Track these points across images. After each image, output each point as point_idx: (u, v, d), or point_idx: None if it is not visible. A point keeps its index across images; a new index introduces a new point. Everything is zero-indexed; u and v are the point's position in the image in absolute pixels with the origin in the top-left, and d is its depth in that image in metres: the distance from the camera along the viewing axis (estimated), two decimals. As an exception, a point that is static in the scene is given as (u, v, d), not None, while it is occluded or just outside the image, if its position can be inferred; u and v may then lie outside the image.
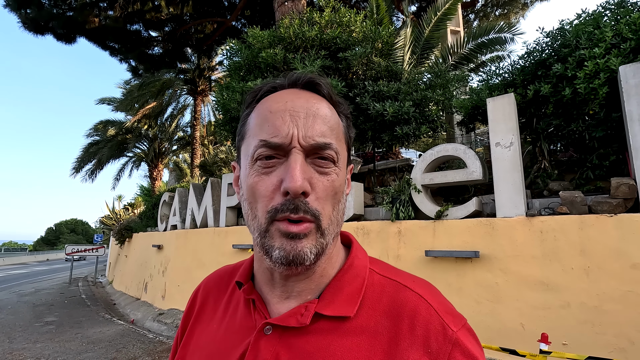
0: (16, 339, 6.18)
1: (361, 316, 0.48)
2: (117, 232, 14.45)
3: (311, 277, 0.51)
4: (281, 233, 0.46)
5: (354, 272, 0.53)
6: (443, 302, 0.50)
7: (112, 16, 10.70)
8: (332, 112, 0.52)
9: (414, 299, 0.49)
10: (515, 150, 3.82)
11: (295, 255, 0.45)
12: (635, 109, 3.21)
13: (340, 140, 0.51)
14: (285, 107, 0.48)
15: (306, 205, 0.45)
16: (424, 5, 12.22)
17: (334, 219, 0.49)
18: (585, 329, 3.11)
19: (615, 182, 3.22)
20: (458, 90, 6.06)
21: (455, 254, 3.87)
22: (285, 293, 0.52)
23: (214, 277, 0.67)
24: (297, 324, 0.48)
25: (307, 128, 0.47)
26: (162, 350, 5.34)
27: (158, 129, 20.42)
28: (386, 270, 0.55)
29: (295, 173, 0.44)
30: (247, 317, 0.54)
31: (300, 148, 0.46)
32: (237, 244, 6.32)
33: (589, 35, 3.71)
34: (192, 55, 16.21)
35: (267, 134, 0.47)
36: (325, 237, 0.47)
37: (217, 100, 6.09)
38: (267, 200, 0.46)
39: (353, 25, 5.85)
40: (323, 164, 0.48)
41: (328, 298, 0.50)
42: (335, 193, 0.49)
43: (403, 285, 0.51)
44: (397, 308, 0.48)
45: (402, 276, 0.53)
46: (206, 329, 0.58)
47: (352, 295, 0.50)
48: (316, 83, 0.53)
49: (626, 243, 3.05)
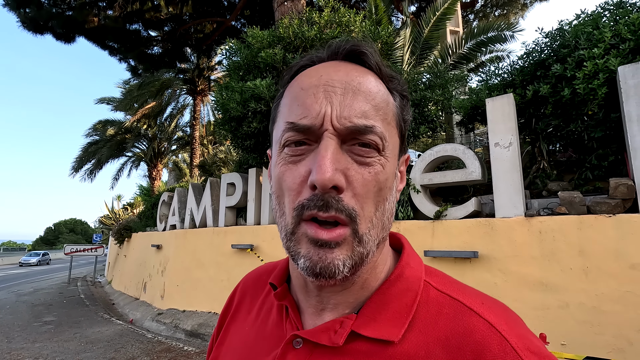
0: (15, 339, 6.17)
1: (409, 342, 0.39)
2: (116, 231, 14.44)
3: (349, 288, 0.43)
4: (309, 239, 0.38)
5: (404, 284, 0.43)
6: (525, 337, 0.37)
7: (111, 16, 10.69)
8: (380, 88, 0.42)
9: (483, 328, 0.37)
10: (515, 150, 3.82)
11: (323, 268, 0.37)
12: (634, 110, 3.22)
13: (388, 123, 0.42)
14: (320, 81, 0.40)
15: (339, 203, 0.37)
16: (423, 6, 12.22)
17: (376, 221, 0.40)
18: (584, 329, 3.11)
19: (614, 183, 3.22)
20: (457, 91, 6.06)
21: (454, 254, 3.87)
22: (320, 304, 0.44)
23: (253, 275, 0.61)
24: (329, 342, 0.40)
25: (344, 107, 0.38)
26: (161, 350, 5.34)
27: (157, 128, 20.40)
28: (447, 285, 0.44)
29: (325, 162, 0.36)
30: (279, 325, 0.47)
31: (333, 131, 0.38)
32: (236, 244, 6.32)
33: (588, 36, 3.71)
34: (192, 55, 16.20)
35: (296, 114, 0.40)
36: (364, 245, 0.39)
37: (217, 100, 6.09)
38: (295, 195, 0.39)
39: (352, 25, 5.85)
40: (363, 152, 0.39)
41: (368, 314, 0.41)
42: (379, 189, 0.40)
43: (468, 308, 0.40)
44: (458, 338, 0.37)
45: (468, 295, 0.42)
46: (240, 330, 0.53)
47: (400, 314, 0.41)
48: (360, 52, 0.43)
49: (625, 243, 3.05)
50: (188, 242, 7.60)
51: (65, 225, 66.58)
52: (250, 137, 6.12)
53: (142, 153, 20.81)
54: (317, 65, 0.44)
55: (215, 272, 6.66)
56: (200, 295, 6.82)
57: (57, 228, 66.14)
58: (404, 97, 0.46)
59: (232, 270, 6.37)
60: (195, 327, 6.11)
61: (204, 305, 6.66)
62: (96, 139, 19.66)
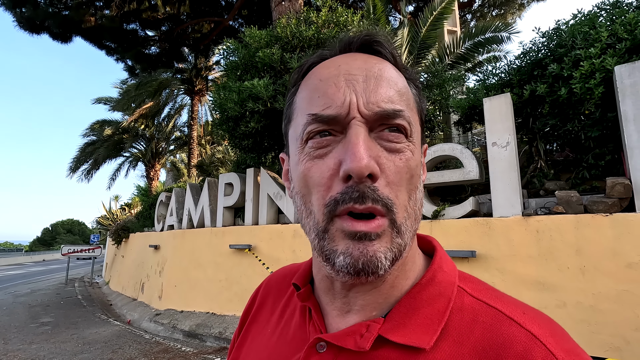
0: (11, 340, 6.14)
1: (441, 351, 0.36)
2: (113, 232, 14.39)
3: (379, 287, 0.41)
4: (345, 234, 0.36)
5: (436, 289, 0.40)
6: (573, 352, 0.34)
7: (108, 15, 10.65)
8: (400, 75, 0.41)
9: (524, 339, 0.34)
10: (512, 150, 3.83)
11: (366, 263, 0.35)
12: (630, 109, 3.23)
13: (411, 109, 0.40)
14: (339, 71, 0.39)
15: (375, 192, 0.35)
16: (420, 5, 12.24)
17: (411, 211, 0.38)
18: (581, 328, 3.12)
19: (611, 182, 3.23)
20: (455, 90, 6.07)
21: (452, 253, 3.88)
22: (346, 306, 0.42)
23: (276, 275, 0.58)
24: (354, 346, 0.38)
25: (370, 93, 0.37)
26: (159, 351, 5.32)
27: (155, 128, 20.35)
28: (483, 291, 0.41)
29: (359, 149, 0.34)
30: (302, 328, 0.46)
31: (361, 118, 0.37)
32: (234, 244, 6.31)
33: (585, 36, 3.73)
34: (189, 55, 16.17)
35: (318, 106, 0.38)
36: (402, 236, 0.37)
37: (214, 100, 6.08)
38: (324, 190, 0.37)
39: (350, 25, 5.85)
40: (393, 137, 0.37)
41: (397, 319, 0.39)
42: (411, 176, 0.38)
43: (507, 317, 0.37)
44: (497, 348, 0.34)
45: (507, 303, 0.39)
46: (261, 332, 0.51)
47: (431, 320, 0.38)
48: (375, 41, 0.42)
49: (621, 242, 3.06)
50: (186, 243, 7.58)
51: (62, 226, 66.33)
52: (248, 137, 6.11)
53: (139, 153, 20.76)
54: (332, 57, 0.43)
55: (213, 273, 6.65)
56: (199, 296, 6.81)
57: (54, 229, 65.88)
58: (418, 88, 0.45)
59: (230, 271, 6.36)
60: (193, 328, 6.09)
61: (202, 306, 6.65)
62: (93, 139, 19.60)
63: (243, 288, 6.06)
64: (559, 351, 0.33)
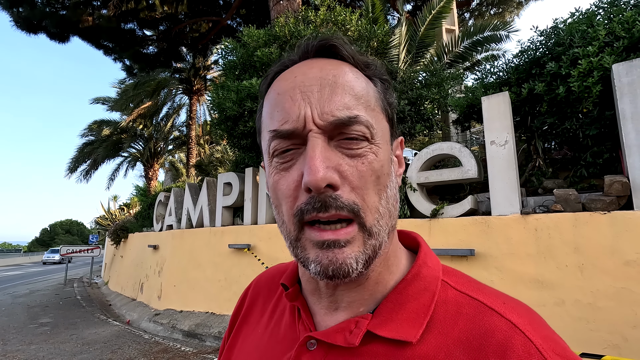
0: (10, 341, 6.13)
1: (427, 343, 0.37)
2: (112, 232, 14.37)
3: (363, 284, 0.42)
4: (314, 243, 0.37)
5: (421, 283, 0.42)
6: (550, 338, 0.36)
7: (105, 15, 10.61)
8: (358, 77, 0.41)
9: (505, 328, 0.36)
10: (510, 148, 3.83)
11: (335, 269, 0.36)
12: (628, 107, 3.23)
13: (373, 110, 0.40)
14: (295, 83, 0.39)
15: (337, 200, 0.36)
16: (419, 4, 12.23)
17: (383, 210, 0.39)
18: (580, 326, 3.13)
19: (609, 180, 3.24)
20: (453, 89, 6.07)
21: (451, 252, 3.88)
22: (333, 304, 0.43)
23: (265, 275, 0.59)
24: (344, 343, 0.39)
25: (324, 103, 0.37)
26: (158, 351, 5.32)
27: (153, 128, 20.31)
28: (466, 284, 0.42)
29: (314, 162, 0.35)
30: (292, 327, 0.46)
31: (318, 130, 0.37)
32: (233, 244, 6.31)
33: (583, 34, 3.73)
34: (188, 55, 16.13)
35: (278, 121, 0.39)
36: (375, 237, 0.38)
37: (213, 99, 6.07)
38: (292, 201, 0.38)
39: (348, 24, 5.84)
40: (353, 144, 0.38)
41: (385, 314, 0.40)
42: (377, 177, 0.38)
43: (489, 308, 0.38)
44: (479, 338, 0.36)
45: (489, 294, 0.40)
46: (252, 333, 0.52)
47: (417, 314, 0.39)
48: (330, 45, 0.42)
49: (620, 240, 3.07)
50: (185, 242, 7.57)
51: (61, 226, 66.19)
52: (246, 136, 6.10)
53: (138, 153, 20.71)
54: (291, 67, 0.43)
55: (213, 272, 6.65)
56: (198, 296, 6.80)
57: (53, 229, 65.74)
58: (384, 81, 0.45)
59: (229, 270, 6.35)
60: (193, 328, 6.09)
61: (201, 306, 6.65)
62: (92, 140, 19.55)
63: (242, 287, 6.05)
64: (537, 338, 0.35)
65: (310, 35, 0.46)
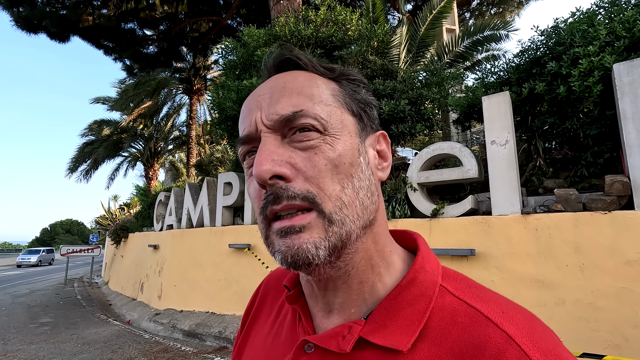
0: (10, 341, 6.13)
1: (419, 352, 0.36)
2: (112, 232, 14.37)
3: (348, 283, 0.41)
4: (276, 234, 0.38)
5: (418, 289, 0.40)
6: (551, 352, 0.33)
7: (105, 14, 10.61)
8: (312, 80, 0.42)
9: (500, 341, 0.34)
10: (511, 148, 3.83)
11: (293, 255, 0.36)
12: (628, 107, 3.23)
13: (327, 105, 0.41)
14: (254, 96, 0.43)
15: (288, 190, 0.37)
16: (419, 4, 12.22)
17: (348, 199, 0.38)
18: (580, 326, 3.13)
19: (610, 180, 3.24)
20: (454, 89, 6.07)
21: (451, 252, 3.88)
22: (327, 306, 0.44)
23: (274, 274, 0.59)
24: (337, 348, 0.39)
25: (271, 105, 0.40)
26: (158, 351, 5.32)
27: (154, 128, 20.31)
28: (465, 290, 0.40)
29: (259, 158, 0.37)
30: (292, 329, 0.47)
31: (267, 129, 0.39)
32: (233, 244, 6.31)
33: (584, 34, 3.73)
34: (188, 54, 16.13)
35: (241, 130, 0.42)
36: (338, 225, 0.37)
37: (213, 99, 6.07)
38: (258, 201, 0.40)
39: (349, 24, 5.84)
40: (303, 136, 0.39)
41: (378, 321, 0.39)
42: (334, 166, 0.38)
43: (485, 317, 0.36)
44: (473, 349, 0.34)
45: (488, 302, 0.38)
46: (260, 332, 0.53)
47: (411, 321, 0.38)
48: (286, 58, 0.44)
49: (620, 240, 3.07)
50: (185, 242, 7.57)
51: (61, 226, 66.20)
52: (246, 136, 6.10)
53: (138, 153, 20.72)
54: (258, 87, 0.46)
55: (213, 272, 6.65)
56: (198, 295, 6.81)
57: (53, 229, 65.74)
58: (353, 81, 0.46)
59: (229, 270, 6.35)
60: (193, 327, 6.09)
61: (202, 305, 6.65)
62: (92, 139, 19.54)
63: (242, 287, 6.06)
64: (535, 352, 0.32)
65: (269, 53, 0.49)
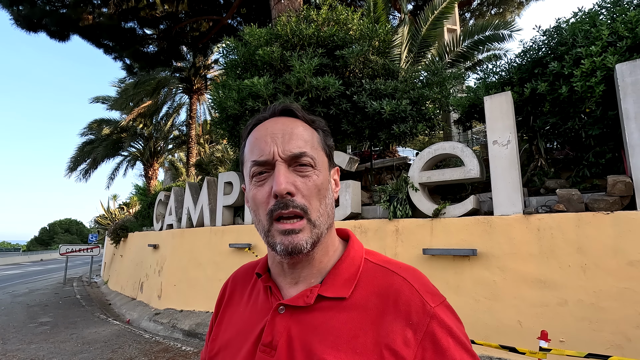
0: (10, 340, 6.11)
1: (355, 296, 0.58)
2: (112, 231, 14.34)
3: (312, 263, 0.62)
4: (279, 232, 0.57)
5: (350, 261, 0.63)
6: (425, 284, 0.58)
7: (106, 13, 10.58)
8: (306, 128, 0.63)
9: (399, 281, 0.58)
10: (513, 148, 3.82)
11: (293, 247, 0.56)
12: (631, 107, 3.23)
13: (316, 149, 0.62)
14: (267, 132, 0.61)
15: (294, 202, 0.56)
16: (420, 4, 12.22)
17: (322, 211, 0.60)
18: (583, 326, 3.12)
19: (612, 180, 3.23)
20: (455, 89, 6.06)
21: (453, 252, 3.87)
22: (294, 279, 0.63)
23: (240, 271, 0.80)
24: (303, 303, 0.59)
25: (285, 144, 0.59)
26: (158, 350, 5.31)
27: (153, 127, 20.27)
28: (380, 259, 0.64)
29: (279, 179, 0.56)
30: (266, 301, 0.65)
31: (281, 160, 0.58)
32: (233, 243, 6.29)
33: (586, 34, 3.72)
34: (188, 54, 16.10)
35: (256, 155, 0.60)
36: (317, 228, 0.58)
37: (214, 98, 6.05)
38: (265, 205, 0.58)
39: (350, 23, 5.83)
40: (303, 169, 0.59)
41: (329, 283, 0.60)
42: (318, 190, 0.59)
43: (391, 271, 0.60)
44: (385, 289, 0.57)
45: (392, 264, 0.63)
46: (236, 311, 0.71)
47: (349, 280, 0.60)
48: (289, 110, 0.65)
49: (623, 240, 3.06)
50: (185, 242, 7.56)
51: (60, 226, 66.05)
52: (247, 135, 6.08)
53: (138, 152, 20.67)
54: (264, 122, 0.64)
55: (213, 272, 6.63)
56: (198, 295, 6.79)
57: (52, 228, 65.58)
58: (325, 131, 0.67)
59: (229, 270, 6.33)
60: (193, 327, 6.08)
61: (202, 305, 6.64)
62: (91, 139, 19.49)
63: (243, 287, 6.04)
64: (417, 285, 0.57)
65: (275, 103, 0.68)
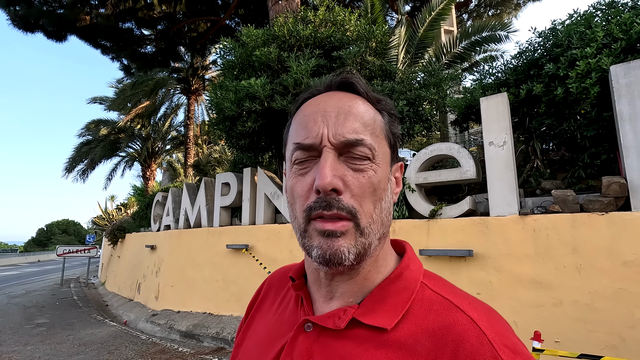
0: (6, 342, 6.09)
1: (401, 331, 0.45)
2: (109, 232, 14.30)
3: (354, 278, 0.50)
4: (318, 232, 0.45)
5: (403, 283, 0.50)
6: (501, 333, 0.42)
7: (103, 14, 10.56)
8: (368, 109, 0.51)
9: (465, 322, 0.43)
10: (509, 149, 3.84)
11: (332, 254, 0.44)
12: (625, 109, 3.25)
13: (377, 137, 0.49)
14: (318, 109, 0.49)
15: (339, 202, 0.44)
16: (418, 5, 12.25)
17: (375, 217, 0.47)
18: (578, 327, 3.14)
19: (607, 181, 3.25)
20: (452, 90, 6.07)
21: (449, 252, 3.88)
22: (329, 293, 0.52)
23: (278, 272, 0.70)
24: (333, 326, 0.47)
25: (338, 126, 0.47)
26: (155, 352, 5.29)
27: (151, 128, 20.22)
28: (442, 287, 0.50)
29: (324, 171, 0.44)
30: (294, 312, 0.56)
31: (331, 146, 0.46)
32: (231, 244, 6.29)
33: (581, 35, 3.74)
34: (186, 54, 16.08)
35: (301, 136, 0.49)
36: (366, 237, 0.46)
37: (211, 99, 6.05)
38: (303, 200, 0.47)
39: (347, 24, 5.84)
40: (357, 161, 0.47)
41: (368, 305, 0.48)
42: (374, 190, 0.47)
43: (456, 306, 0.45)
44: (443, 329, 0.43)
45: (458, 296, 0.48)
46: (264, 317, 0.62)
47: (395, 307, 0.47)
48: (350, 82, 0.52)
49: (617, 241, 3.08)
50: (183, 243, 7.55)
51: (57, 226, 65.79)
52: (244, 136, 6.08)
53: (135, 153, 20.62)
54: (317, 96, 0.53)
55: (210, 273, 6.63)
56: (195, 296, 6.78)
57: (49, 229, 65.32)
58: (392, 115, 0.54)
59: (227, 271, 6.33)
60: (190, 328, 6.07)
61: (199, 306, 6.62)
62: (89, 139, 19.44)
63: (240, 288, 6.04)
64: (490, 332, 0.41)
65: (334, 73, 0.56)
